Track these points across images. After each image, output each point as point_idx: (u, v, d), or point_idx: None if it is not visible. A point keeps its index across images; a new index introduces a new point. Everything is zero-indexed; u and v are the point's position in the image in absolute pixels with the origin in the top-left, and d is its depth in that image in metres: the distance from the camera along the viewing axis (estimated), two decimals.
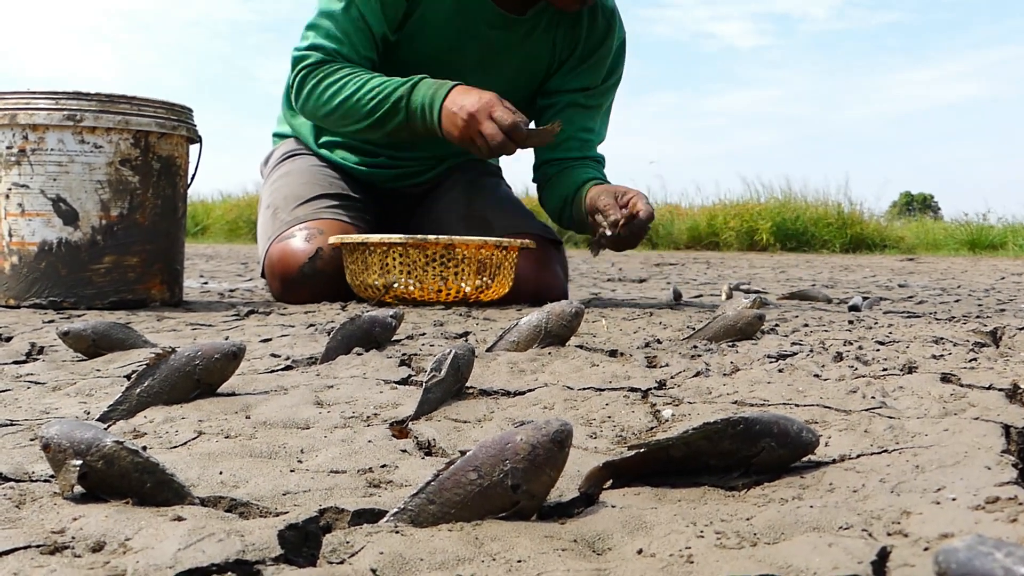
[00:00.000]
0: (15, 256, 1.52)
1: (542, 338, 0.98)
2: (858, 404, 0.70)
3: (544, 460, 0.44)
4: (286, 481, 0.51)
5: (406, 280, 1.60)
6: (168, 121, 1.58)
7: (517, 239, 1.66)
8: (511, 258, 1.68)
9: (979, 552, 0.29)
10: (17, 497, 0.47)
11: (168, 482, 0.46)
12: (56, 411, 0.70)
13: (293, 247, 1.70)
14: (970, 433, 0.58)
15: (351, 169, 1.90)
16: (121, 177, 1.53)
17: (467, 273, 1.62)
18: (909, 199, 18.95)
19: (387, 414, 0.69)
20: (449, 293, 1.62)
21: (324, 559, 0.40)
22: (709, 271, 3.75)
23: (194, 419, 0.66)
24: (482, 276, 1.62)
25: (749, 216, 7.35)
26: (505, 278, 1.67)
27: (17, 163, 1.51)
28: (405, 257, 1.59)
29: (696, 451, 0.50)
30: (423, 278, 1.60)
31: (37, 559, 0.38)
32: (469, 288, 1.62)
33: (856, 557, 0.37)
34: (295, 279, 1.69)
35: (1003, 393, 0.72)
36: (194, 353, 0.73)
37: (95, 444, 0.46)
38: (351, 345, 0.98)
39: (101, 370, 0.88)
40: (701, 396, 0.76)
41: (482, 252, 1.61)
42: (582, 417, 0.68)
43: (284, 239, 1.72)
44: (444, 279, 1.61)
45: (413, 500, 0.43)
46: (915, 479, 0.49)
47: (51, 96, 1.50)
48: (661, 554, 0.40)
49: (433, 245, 1.59)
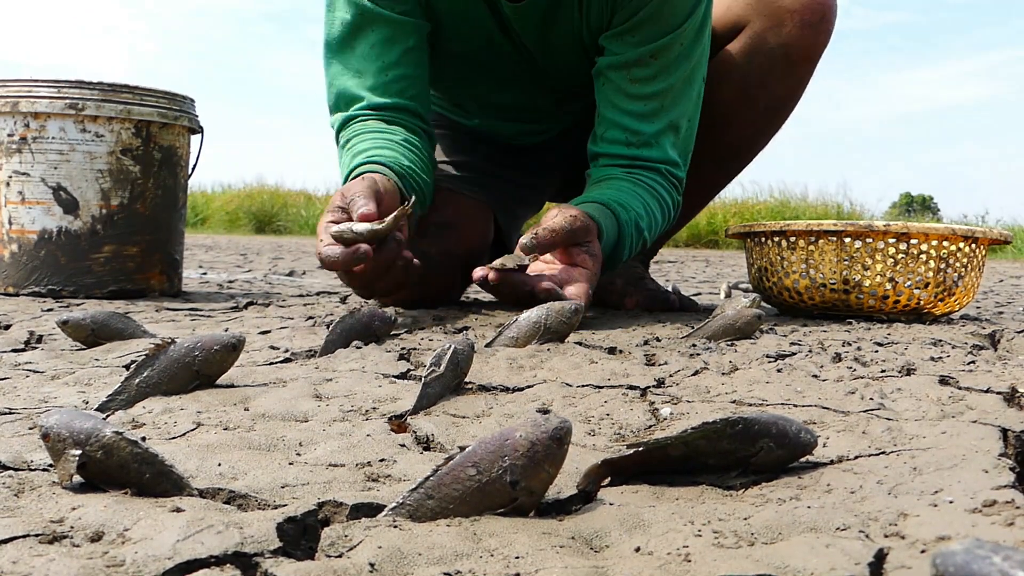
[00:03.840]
0: (15, 244, 1.52)
1: (541, 334, 0.98)
2: (856, 405, 0.70)
3: (543, 457, 0.44)
4: (284, 474, 0.51)
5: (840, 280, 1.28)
6: (170, 111, 1.58)
7: (990, 229, 1.33)
8: (980, 256, 1.34)
9: (977, 555, 0.29)
10: (16, 486, 0.47)
11: (167, 473, 0.46)
12: (55, 400, 0.70)
13: None
14: (968, 436, 0.58)
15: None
16: (122, 166, 1.53)
17: (925, 272, 1.27)
18: (909, 200, 18.94)
19: (386, 408, 0.69)
20: (898, 301, 1.30)
21: (322, 552, 0.40)
22: (708, 269, 3.75)
23: (193, 410, 0.66)
24: (943, 277, 1.27)
25: (749, 215, 7.36)
26: (972, 283, 1.33)
27: (18, 151, 1.51)
28: (841, 251, 1.27)
29: (694, 450, 0.50)
30: (863, 278, 1.28)
31: (36, 548, 0.38)
32: (926, 296, 1.29)
33: (853, 558, 0.38)
34: None
35: (1001, 396, 0.72)
36: (193, 344, 0.73)
37: (94, 434, 0.46)
38: (350, 338, 0.98)
39: (100, 360, 0.88)
40: (700, 395, 0.76)
41: (944, 246, 1.28)
42: (581, 414, 0.68)
43: None
44: (893, 281, 1.29)
45: (412, 495, 0.44)
46: (913, 481, 0.49)
47: (53, 84, 1.50)
48: (659, 552, 0.40)
49: (879, 234, 1.27)
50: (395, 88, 1.34)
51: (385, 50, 1.33)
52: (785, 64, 1.46)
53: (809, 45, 1.45)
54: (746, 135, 1.54)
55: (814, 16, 1.43)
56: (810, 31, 1.44)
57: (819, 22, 1.44)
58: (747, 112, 1.50)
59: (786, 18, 1.43)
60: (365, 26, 1.32)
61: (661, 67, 1.33)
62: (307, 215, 8.70)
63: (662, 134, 1.35)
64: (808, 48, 1.45)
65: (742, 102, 1.48)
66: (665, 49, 1.32)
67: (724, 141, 1.52)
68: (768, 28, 1.44)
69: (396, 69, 1.34)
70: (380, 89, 1.34)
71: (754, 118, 1.51)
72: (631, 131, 1.35)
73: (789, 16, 1.43)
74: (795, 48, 1.44)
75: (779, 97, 1.50)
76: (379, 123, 1.33)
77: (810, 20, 1.43)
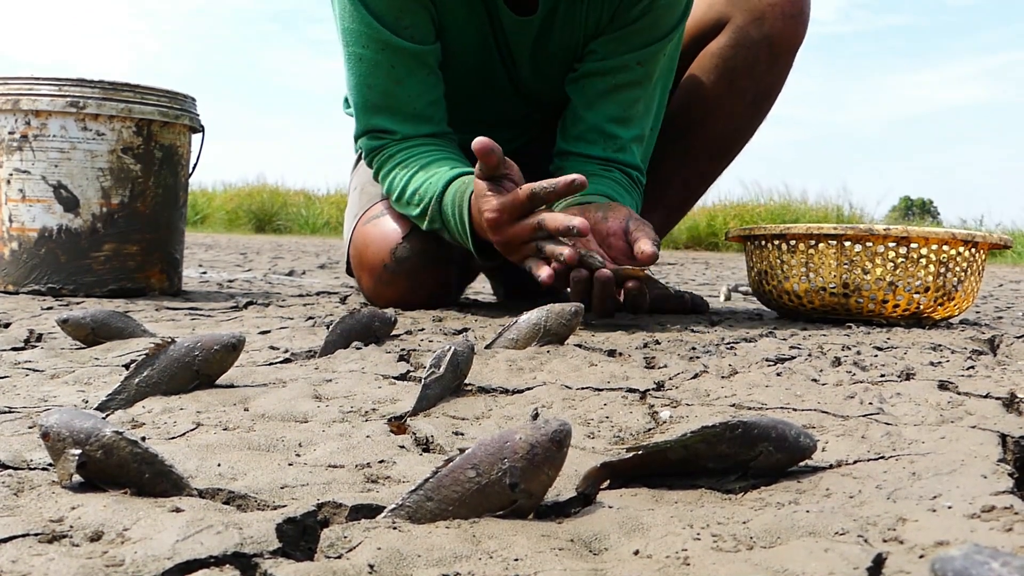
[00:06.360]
0: (15, 242, 1.52)
1: (541, 336, 0.98)
2: (855, 410, 0.70)
3: (543, 459, 0.44)
4: (284, 474, 0.51)
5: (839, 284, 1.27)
6: (171, 110, 1.58)
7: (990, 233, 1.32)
8: (980, 260, 1.33)
9: (976, 561, 0.29)
10: (15, 485, 0.47)
11: (166, 473, 0.46)
12: (54, 399, 0.70)
13: (383, 227, 1.37)
14: (967, 441, 0.58)
15: None
16: (123, 165, 1.53)
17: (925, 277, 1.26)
18: (908, 203, 18.95)
19: (385, 409, 0.69)
20: (898, 305, 1.30)
21: (321, 553, 0.40)
22: (708, 271, 3.75)
23: (192, 410, 0.66)
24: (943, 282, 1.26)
25: (749, 217, 7.36)
26: (972, 287, 1.32)
27: (19, 149, 1.51)
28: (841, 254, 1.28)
29: (694, 454, 0.50)
30: (862, 282, 1.28)
31: (35, 547, 0.38)
32: (925, 300, 1.29)
33: (852, 563, 0.38)
34: (389, 266, 1.36)
35: (1000, 402, 0.72)
36: (193, 344, 0.73)
37: (94, 433, 0.46)
38: (350, 339, 0.98)
39: (100, 359, 0.88)
40: (699, 398, 0.76)
41: (944, 250, 1.28)
42: (580, 417, 0.68)
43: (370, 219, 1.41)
44: (893, 285, 1.28)
45: (411, 496, 0.44)
46: (911, 486, 0.49)
47: (54, 82, 1.50)
48: (657, 555, 0.40)
49: (879, 238, 1.26)
50: (426, 117, 1.35)
51: (410, 82, 1.33)
52: (769, 56, 1.52)
53: (790, 36, 1.52)
54: (734, 126, 1.60)
55: (793, 8, 1.51)
56: (791, 22, 1.51)
57: (798, 14, 1.51)
58: (735, 103, 1.55)
59: (767, 12, 1.50)
60: (386, 60, 1.31)
61: (644, 74, 1.38)
62: (307, 214, 8.71)
63: (633, 141, 1.41)
64: (790, 39, 1.52)
65: (729, 94, 1.54)
66: (651, 57, 1.37)
67: (714, 133, 1.58)
68: (750, 22, 1.51)
69: (423, 98, 1.34)
70: (412, 122, 1.34)
71: (742, 109, 1.57)
72: (608, 135, 1.39)
73: (770, 10, 1.50)
74: (777, 40, 1.51)
75: (765, 87, 1.56)
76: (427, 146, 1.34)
77: (790, 12, 1.50)
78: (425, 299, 1.40)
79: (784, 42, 1.51)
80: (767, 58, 1.52)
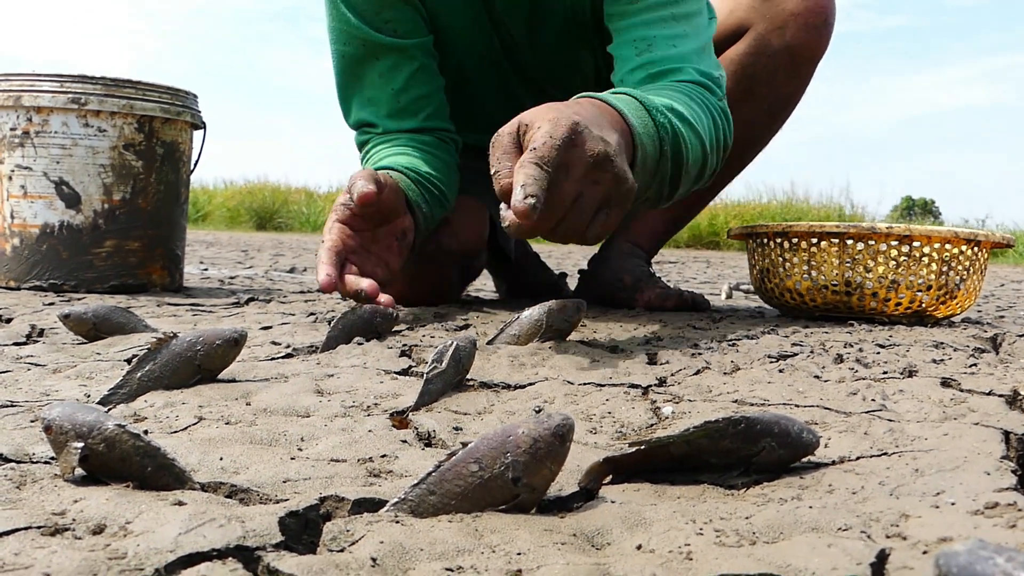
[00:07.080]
0: (16, 238, 1.52)
1: (543, 332, 0.98)
2: (858, 406, 0.70)
3: (545, 454, 0.44)
4: (286, 468, 0.51)
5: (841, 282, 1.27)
6: (172, 106, 1.58)
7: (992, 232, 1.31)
8: (982, 259, 1.33)
9: (980, 556, 0.29)
10: (18, 478, 0.47)
11: (169, 467, 0.46)
12: (56, 393, 0.70)
13: None
14: (970, 438, 0.58)
15: None
16: (124, 161, 1.53)
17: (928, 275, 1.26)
18: (910, 203, 18.93)
19: (387, 404, 0.69)
20: (900, 303, 1.29)
21: (324, 547, 0.40)
22: (709, 270, 3.75)
23: (194, 404, 0.66)
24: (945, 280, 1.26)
25: (750, 217, 7.35)
26: (974, 286, 1.32)
27: (20, 145, 1.51)
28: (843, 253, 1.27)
29: (697, 449, 0.50)
30: (864, 280, 1.27)
31: (38, 540, 0.38)
32: (927, 298, 1.28)
33: (855, 558, 0.38)
34: None
35: (1003, 399, 0.72)
36: (195, 339, 0.73)
37: (97, 427, 0.46)
38: (352, 335, 0.98)
39: (101, 353, 0.88)
40: (701, 394, 0.76)
41: (947, 249, 1.28)
42: (582, 412, 0.68)
43: None
44: (895, 283, 1.27)
45: (414, 490, 0.44)
46: (914, 483, 0.49)
47: (56, 79, 1.50)
48: (660, 550, 0.40)
49: (881, 236, 1.26)
50: (409, 111, 1.34)
51: (393, 76, 1.32)
52: (790, 65, 1.49)
53: (812, 46, 1.48)
54: (750, 133, 1.56)
55: (817, 18, 1.46)
56: (813, 33, 1.47)
57: (821, 24, 1.47)
58: (752, 110, 1.52)
59: (789, 21, 1.46)
60: (369, 56, 1.31)
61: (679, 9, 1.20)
62: (308, 212, 8.71)
63: (694, 54, 1.20)
64: (811, 49, 1.48)
65: (748, 101, 1.50)
66: None
67: None
68: (772, 30, 1.47)
69: (407, 93, 1.33)
70: (395, 117, 1.33)
71: (759, 116, 1.54)
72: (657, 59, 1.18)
73: (792, 19, 1.46)
74: (799, 49, 1.47)
75: (783, 96, 1.53)
76: (399, 140, 1.33)
77: (813, 23, 1.46)
78: (426, 296, 1.40)
79: (806, 52, 1.48)
80: (788, 68, 1.48)
